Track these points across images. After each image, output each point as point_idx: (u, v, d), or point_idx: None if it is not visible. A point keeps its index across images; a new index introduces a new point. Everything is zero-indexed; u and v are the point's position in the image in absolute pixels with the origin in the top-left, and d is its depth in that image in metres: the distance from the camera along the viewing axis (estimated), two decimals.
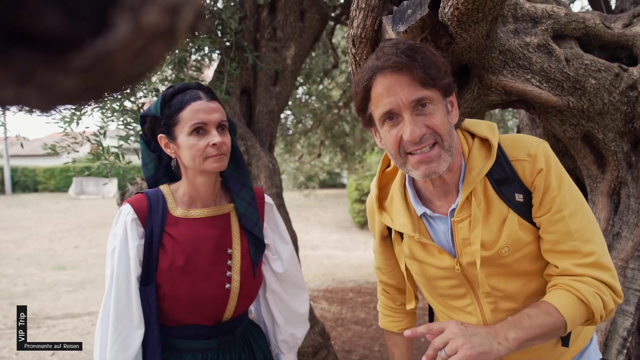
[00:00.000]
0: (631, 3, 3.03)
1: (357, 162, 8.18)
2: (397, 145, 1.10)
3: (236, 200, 1.47)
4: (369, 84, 1.11)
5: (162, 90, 3.26)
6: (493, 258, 1.15)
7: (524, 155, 1.14)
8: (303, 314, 1.63)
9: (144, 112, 1.47)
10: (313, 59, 5.20)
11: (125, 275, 1.34)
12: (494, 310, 1.21)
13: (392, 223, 1.25)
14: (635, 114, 2.09)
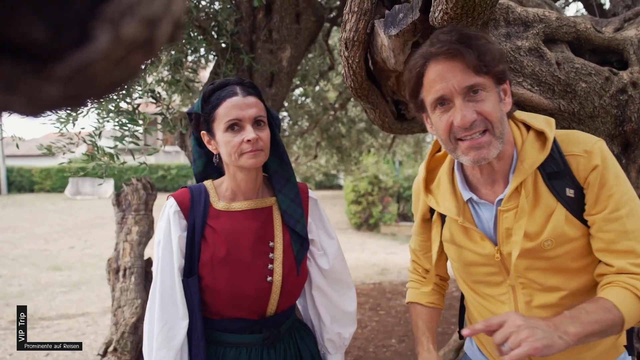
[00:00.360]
0: (623, 7, 3.06)
1: (354, 163, 8.20)
2: (447, 130, 1.11)
3: (279, 197, 1.48)
4: (422, 70, 1.12)
5: (158, 91, 3.27)
6: (535, 250, 1.14)
7: (580, 151, 1.13)
8: (350, 312, 1.60)
9: (190, 109, 1.50)
10: (309, 61, 5.21)
11: (169, 267, 1.37)
12: (528, 302, 1.20)
13: (437, 205, 1.27)
14: (625, 117, 2.12)
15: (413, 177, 13.09)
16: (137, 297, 2.89)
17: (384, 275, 7.46)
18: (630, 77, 2.09)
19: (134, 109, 2.93)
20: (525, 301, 1.21)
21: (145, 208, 3.10)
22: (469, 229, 1.24)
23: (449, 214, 1.24)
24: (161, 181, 24.94)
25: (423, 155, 9.47)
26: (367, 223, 13.02)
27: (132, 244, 3.03)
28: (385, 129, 2.19)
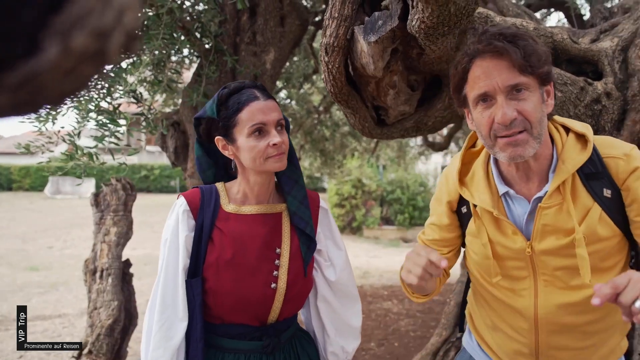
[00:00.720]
0: (601, 19, 3.13)
1: (337, 167, 8.22)
2: (488, 127, 1.14)
3: (288, 198, 1.46)
4: (468, 67, 1.15)
5: (140, 91, 3.25)
6: (569, 246, 1.16)
7: (619, 154, 1.17)
8: (355, 326, 1.57)
9: (199, 114, 1.44)
10: (293, 64, 5.22)
11: (173, 266, 1.35)
12: (548, 300, 1.22)
13: (471, 197, 1.28)
14: (599, 126, 2.16)
15: (396, 181, 13.16)
16: (113, 298, 2.86)
17: (366, 278, 7.48)
18: (604, 87, 2.14)
19: (115, 108, 2.90)
20: (545, 298, 1.23)
21: (124, 209, 3.07)
22: (501, 222, 1.25)
23: (484, 205, 1.24)
24: (144, 181, 24.67)
25: (406, 159, 9.54)
26: (350, 226, 13.05)
27: (110, 245, 3.00)
28: (365, 134, 2.20)
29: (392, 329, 4.87)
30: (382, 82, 1.91)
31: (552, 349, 1.25)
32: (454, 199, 1.37)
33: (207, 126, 1.44)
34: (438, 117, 2.16)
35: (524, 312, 1.25)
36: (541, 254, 1.21)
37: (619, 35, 2.27)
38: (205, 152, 1.49)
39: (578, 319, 1.22)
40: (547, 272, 1.22)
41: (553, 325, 1.23)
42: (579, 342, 1.25)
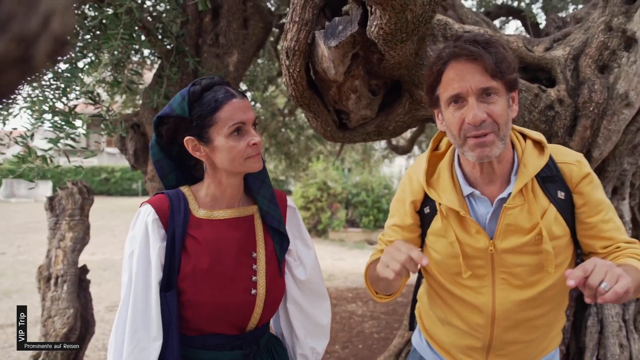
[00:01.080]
0: (555, 28, 3.25)
1: (302, 169, 8.22)
2: (459, 127, 1.20)
3: (258, 198, 1.41)
4: (442, 69, 1.20)
5: (98, 92, 3.16)
6: (527, 244, 1.24)
7: (572, 160, 1.29)
8: (325, 325, 1.54)
9: (163, 112, 1.34)
10: (257, 66, 5.20)
11: (144, 281, 1.25)
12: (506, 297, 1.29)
13: (438, 197, 1.32)
14: (552, 132, 2.24)
15: (361, 184, 13.27)
16: (69, 306, 2.76)
17: (331, 281, 7.50)
18: (557, 94, 2.22)
19: (71, 110, 2.81)
20: (502, 295, 1.29)
21: (80, 213, 2.97)
22: (465, 222, 1.30)
23: (452, 205, 1.29)
24: (104, 184, 24.01)
25: (371, 162, 9.64)
26: (316, 229, 13.07)
27: (66, 251, 2.90)
28: (328, 138, 2.21)
29: (356, 331, 4.90)
30: (343, 87, 1.92)
31: (504, 343, 1.32)
32: (418, 199, 1.40)
33: (174, 126, 1.34)
34: (399, 122, 2.19)
35: (482, 308, 1.30)
36: (502, 252, 1.27)
37: (571, 45, 2.37)
38: (165, 155, 1.40)
39: (530, 314, 1.30)
40: (505, 270, 1.28)
41: (508, 321, 1.30)
42: (527, 336, 1.32)
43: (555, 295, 1.32)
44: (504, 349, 1.34)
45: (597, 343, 2.42)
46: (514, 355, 1.35)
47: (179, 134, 1.35)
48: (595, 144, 2.22)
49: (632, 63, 2.10)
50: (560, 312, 1.39)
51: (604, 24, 2.21)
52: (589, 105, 2.17)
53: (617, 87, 2.14)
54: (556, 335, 1.41)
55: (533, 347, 1.36)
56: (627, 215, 2.55)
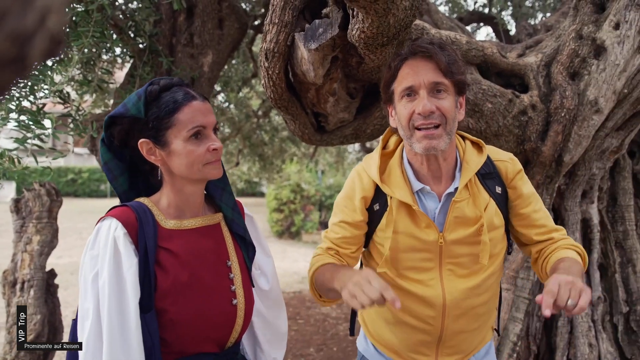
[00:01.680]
0: (526, 35, 3.33)
1: (276, 171, 8.19)
2: (408, 118, 1.28)
3: (221, 205, 1.35)
4: (399, 65, 1.30)
5: (67, 91, 3.06)
6: (472, 235, 1.34)
7: (506, 158, 1.43)
8: (284, 333, 1.51)
9: (115, 112, 1.23)
10: (232, 67, 5.15)
11: (119, 305, 1.11)
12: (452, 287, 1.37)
13: (391, 192, 1.38)
14: (525, 137, 2.29)
15: (335, 186, 13.31)
16: (36, 312, 2.67)
17: (304, 283, 7.48)
18: (530, 100, 2.27)
19: (39, 109, 2.72)
20: (450, 285, 1.37)
21: (48, 215, 2.87)
22: (415, 216, 1.37)
23: (405, 199, 1.35)
24: (71, 185, 23.38)
25: (345, 164, 9.67)
26: (289, 231, 13.03)
27: (33, 255, 2.80)
28: (305, 140, 2.20)
29: (330, 334, 4.90)
30: (322, 89, 1.91)
31: (453, 333, 1.39)
32: (369, 196, 1.44)
33: (127, 127, 1.23)
34: (376, 125, 2.20)
35: (433, 300, 1.36)
36: (450, 244, 1.36)
37: (543, 52, 2.42)
38: (115, 156, 1.28)
39: (475, 301, 1.39)
40: (451, 260, 1.37)
41: (457, 310, 1.37)
42: (472, 324, 1.41)
43: (493, 284, 1.43)
44: (452, 340, 1.40)
45: (567, 343, 2.48)
46: (459, 346, 1.42)
47: (133, 135, 1.23)
48: (566, 148, 2.27)
49: (601, 70, 2.17)
50: (496, 302, 1.50)
51: (574, 32, 2.27)
52: (560, 111, 2.22)
53: (587, 93, 2.20)
54: (489, 329, 1.51)
55: (475, 336, 1.44)
56: (595, 218, 2.63)
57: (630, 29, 2.09)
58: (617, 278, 2.65)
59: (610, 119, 2.32)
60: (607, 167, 2.62)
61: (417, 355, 1.44)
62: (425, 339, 1.41)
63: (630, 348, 2.55)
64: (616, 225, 2.74)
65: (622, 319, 2.60)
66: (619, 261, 2.68)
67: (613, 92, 2.17)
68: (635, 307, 2.60)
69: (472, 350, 1.46)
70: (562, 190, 2.56)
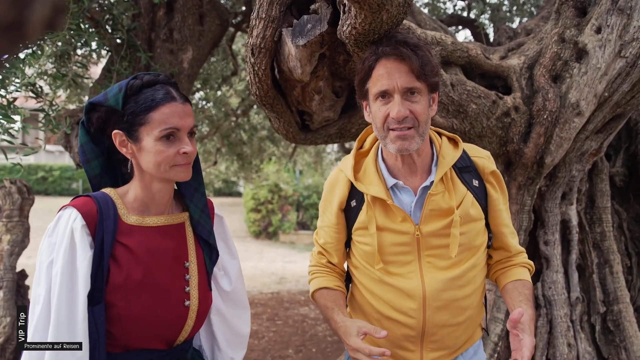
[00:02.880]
0: (506, 38, 3.36)
1: (254, 171, 8.11)
2: (383, 120, 1.31)
3: (190, 206, 1.34)
4: (373, 65, 1.31)
5: (40, 85, 2.96)
6: (447, 227, 1.38)
7: (483, 155, 1.48)
8: (245, 335, 1.51)
9: (95, 99, 1.25)
10: (212, 65, 5.07)
11: (69, 295, 1.13)
12: (431, 278, 1.40)
13: (366, 189, 1.41)
14: (508, 138, 2.31)
15: (313, 187, 13.28)
16: (6, 314, 2.56)
17: (282, 284, 7.44)
18: (513, 101, 2.28)
19: (9, 103, 2.61)
20: (430, 276, 1.40)
21: (19, 214, 2.77)
22: (389, 211, 1.40)
23: (379, 194, 1.38)
24: (41, 183, 22.75)
25: (323, 165, 9.65)
26: (266, 231, 12.95)
27: (2, 255, 2.69)
28: (290, 139, 2.17)
29: (309, 335, 4.86)
30: (307, 87, 1.88)
31: (436, 326, 1.40)
32: (344, 199, 1.48)
33: (105, 116, 1.25)
34: (361, 124, 2.17)
35: (413, 292, 1.39)
36: (427, 236, 1.39)
37: (525, 54, 2.44)
38: (91, 140, 1.30)
39: (457, 294, 1.41)
40: (430, 253, 1.40)
41: (438, 301, 1.39)
42: (456, 318, 1.42)
43: (476, 277, 1.45)
44: (436, 334, 1.41)
45: (546, 343, 2.51)
46: (444, 342, 1.43)
47: (109, 125, 1.26)
48: (548, 150, 2.29)
49: (583, 74, 2.19)
50: (482, 298, 1.53)
51: (557, 36, 2.29)
52: (542, 113, 2.24)
53: (569, 96, 2.22)
54: (478, 327, 1.53)
55: (461, 331, 1.45)
56: (574, 219, 2.66)
57: (611, 33, 2.12)
58: (594, 279, 2.69)
59: (590, 122, 2.35)
60: (586, 169, 2.66)
61: (403, 352, 1.45)
62: (408, 333, 1.42)
63: (607, 348, 2.60)
64: (594, 227, 2.79)
65: (600, 319, 2.64)
66: (596, 262, 2.73)
67: (594, 95, 2.20)
68: (612, 307, 2.65)
69: (458, 347, 1.47)
70: (542, 192, 2.59)
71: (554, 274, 2.58)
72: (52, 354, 1.11)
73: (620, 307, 2.65)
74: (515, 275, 1.46)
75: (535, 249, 2.66)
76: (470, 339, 1.50)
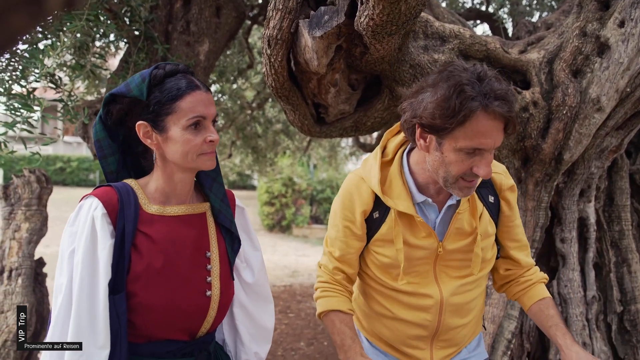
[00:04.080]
0: (526, 32, 3.30)
1: (269, 164, 8.13)
2: (463, 171, 1.23)
3: (210, 195, 1.34)
4: (470, 115, 1.16)
5: (59, 76, 2.99)
6: (469, 244, 1.39)
7: (500, 171, 1.46)
8: (269, 329, 1.49)
9: (117, 90, 1.23)
10: (228, 57, 5.08)
11: (90, 283, 1.14)
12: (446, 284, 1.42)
13: (394, 205, 1.37)
14: (526, 133, 2.27)
15: (327, 181, 13.28)
16: (24, 301, 2.61)
17: (295, 277, 7.47)
18: (532, 96, 2.25)
19: (29, 93, 2.65)
20: (445, 282, 1.43)
21: (38, 203, 2.81)
22: (414, 227, 1.39)
23: (408, 211, 1.36)
24: (59, 174, 23.11)
25: (338, 159, 9.64)
26: (280, 225, 13.00)
27: (21, 242, 2.74)
28: (305, 132, 2.16)
29: (321, 328, 4.88)
30: (323, 80, 1.87)
31: (448, 328, 1.44)
32: (368, 208, 1.44)
33: (127, 107, 1.24)
34: (377, 118, 2.16)
35: (433, 295, 1.42)
36: (449, 252, 1.40)
37: (545, 48, 2.40)
38: (108, 135, 1.29)
39: (467, 297, 1.45)
40: (444, 264, 1.43)
41: (452, 306, 1.43)
42: (465, 319, 1.46)
43: (482, 282, 1.50)
44: (447, 334, 1.45)
45: None
46: (453, 340, 1.47)
47: (131, 117, 1.24)
48: (567, 146, 2.26)
49: (604, 69, 2.15)
50: (484, 297, 1.57)
51: (578, 29, 2.25)
52: (562, 109, 2.20)
53: (589, 91, 2.18)
54: (479, 323, 1.58)
55: (467, 330, 1.49)
56: (592, 217, 2.62)
57: (635, 27, 2.07)
58: (611, 277, 2.64)
59: (611, 118, 2.31)
60: (606, 166, 2.61)
61: (412, 350, 1.46)
62: (421, 334, 1.44)
63: (624, 347, 2.56)
64: (612, 225, 2.74)
65: (616, 319, 2.60)
66: (614, 261, 2.68)
67: (615, 90, 2.15)
68: (629, 306, 2.61)
69: (464, 342, 1.52)
70: (560, 189, 2.55)
71: (570, 272, 2.55)
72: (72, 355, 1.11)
73: (638, 307, 2.60)
74: (538, 294, 1.47)
75: (551, 246, 2.62)
76: (474, 333, 1.56)
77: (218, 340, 1.47)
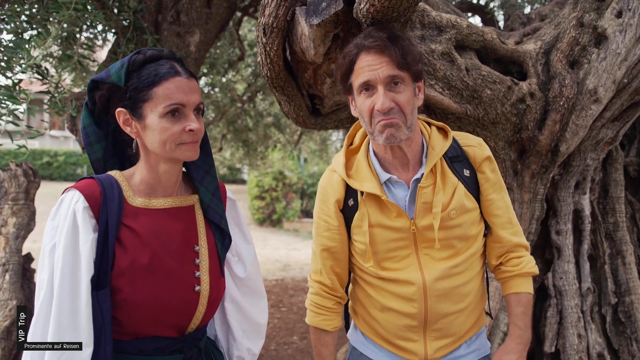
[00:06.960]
0: (520, 24, 3.29)
1: (259, 158, 8.08)
2: (369, 113, 1.30)
3: (200, 189, 1.29)
4: (355, 59, 1.30)
5: (45, 67, 2.91)
6: (444, 219, 1.36)
7: (475, 143, 1.45)
8: (262, 324, 1.46)
9: (98, 76, 1.20)
10: (218, 49, 5.01)
11: (71, 279, 1.10)
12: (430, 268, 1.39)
13: (360, 187, 1.39)
14: (522, 125, 2.26)
15: (318, 174, 13.25)
16: (11, 297, 2.55)
17: (286, 271, 7.44)
18: (528, 87, 2.23)
19: (15, 84, 2.57)
20: (429, 266, 1.39)
21: (25, 197, 2.74)
22: (384, 207, 1.38)
23: (373, 190, 1.36)
24: (46, 168, 22.81)
25: (329, 153, 9.61)
26: (270, 219, 12.96)
27: (8, 238, 2.67)
28: (300, 124, 2.12)
29: None
30: (319, 70, 1.83)
31: (438, 315, 1.40)
32: (341, 197, 1.45)
33: (108, 94, 1.20)
34: None
35: (414, 281, 1.39)
36: (423, 230, 1.38)
37: (542, 39, 2.38)
38: (95, 122, 1.26)
39: (456, 281, 1.41)
40: (427, 245, 1.39)
41: (438, 290, 1.39)
42: (457, 305, 1.41)
43: (475, 263, 1.45)
44: (438, 323, 1.41)
45: (556, 333, 2.48)
46: (447, 330, 1.42)
47: (113, 103, 1.21)
48: (563, 138, 2.24)
49: (601, 59, 2.13)
50: (482, 283, 1.51)
51: (575, 20, 2.23)
52: (559, 100, 2.19)
53: (586, 82, 2.16)
54: (481, 314, 1.53)
55: (464, 318, 1.44)
56: (587, 209, 2.62)
57: (633, 17, 2.06)
58: (606, 269, 2.65)
59: (607, 109, 2.30)
60: (601, 158, 2.61)
61: (405, 342, 1.43)
62: (411, 324, 1.41)
63: (618, 339, 2.57)
64: (607, 217, 2.74)
65: (611, 310, 2.61)
66: (608, 252, 2.69)
67: (613, 81, 2.14)
68: (623, 298, 2.61)
69: (463, 334, 1.45)
70: (555, 181, 2.54)
71: (565, 264, 2.55)
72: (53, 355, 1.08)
73: (632, 299, 2.61)
74: (512, 287, 1.46)
75: (546, 238, 2.62)
76: (475, 325, 1.49)
77: (210, 336, 1.43)
